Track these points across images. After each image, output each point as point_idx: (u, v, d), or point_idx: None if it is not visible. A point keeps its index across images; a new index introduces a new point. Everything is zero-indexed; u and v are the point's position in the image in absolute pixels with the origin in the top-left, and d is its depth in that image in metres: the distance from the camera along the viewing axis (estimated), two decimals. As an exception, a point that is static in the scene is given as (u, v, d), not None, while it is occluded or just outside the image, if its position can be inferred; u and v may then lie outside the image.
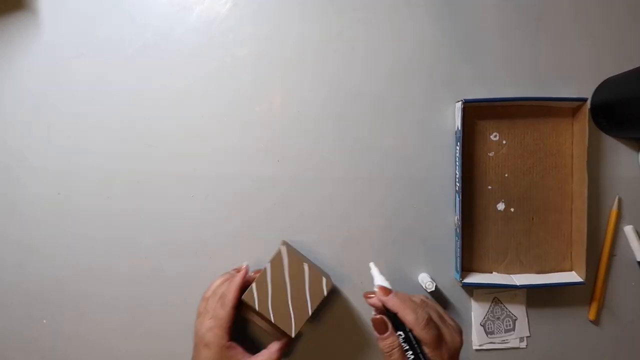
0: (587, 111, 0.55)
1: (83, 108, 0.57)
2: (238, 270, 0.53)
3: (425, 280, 0.56)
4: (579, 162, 0.56)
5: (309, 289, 0.50)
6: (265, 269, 0.50)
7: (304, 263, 0.51)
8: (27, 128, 0.57)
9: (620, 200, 0.58)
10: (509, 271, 0.58)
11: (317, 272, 0.51)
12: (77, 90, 0.57)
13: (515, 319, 0.58)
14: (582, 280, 0.55)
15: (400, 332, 0.45)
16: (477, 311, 0.58)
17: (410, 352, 0.44)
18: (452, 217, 0.58)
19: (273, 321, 0.50)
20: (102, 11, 0.57)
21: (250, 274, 0.54)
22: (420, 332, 0.44)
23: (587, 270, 0.55)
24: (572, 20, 0.58)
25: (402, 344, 0.44)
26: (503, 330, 0.58)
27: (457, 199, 0.55)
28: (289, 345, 0.56)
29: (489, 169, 0.57)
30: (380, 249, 0.58)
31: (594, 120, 0.58)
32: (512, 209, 0.57)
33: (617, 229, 0.58)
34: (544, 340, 0.58)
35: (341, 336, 0.58)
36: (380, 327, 0.45)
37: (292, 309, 0.50)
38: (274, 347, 0.52)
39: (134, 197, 0.58)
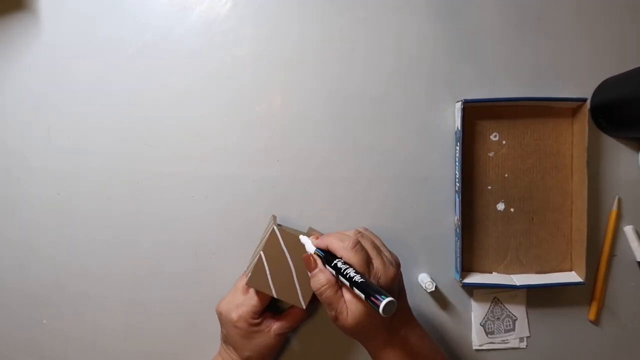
0: (587, 111, 0.55)
1: (83, 108, 0.57)
2: None
3: (425, 281, 0.56)
4: (579, 162, 0.56)
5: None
6: (260, 256, 0.50)
7: (300, 236, 0.50)
8: (27, 128, 0.57)
9: (620, 201, 0.58)
10: (509, 271, 0.58)
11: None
12: (77, 90, 0.57)
13: (515, 319, 0.58)
14: (582, 280, 0.55)
15: (335, 263, 0.44)
16: (477, 311, 0.58)
17: (345, 277, 0.42)
18: (452, 217, 0.58)
19: (277, 297, 0.51)
20: (102, 11, 0.57)
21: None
22: (347, 254, 0.43)
23: (587, 270, 0.55)
24: (572, 20, 0.58)
25: (335, 271, 0.43)
26: (503, 331, 0.58)
27: (457, 199, 0.55)
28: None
29: (489, 169, 0.57)
30: (380, 249, 0.58)
31: (593, 120, 0.58)
32: (512, 209, 0.57)
33: (617, 229, 0.58)
34: (544, 340, 0.58)
35: (336, 335, 0.58)
36: (309, 264, 0.46)
37: (298, 283, 0.51)
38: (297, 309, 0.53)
39: (134, 198, 0.58)
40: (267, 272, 0.50)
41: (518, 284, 0.55)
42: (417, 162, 0.58)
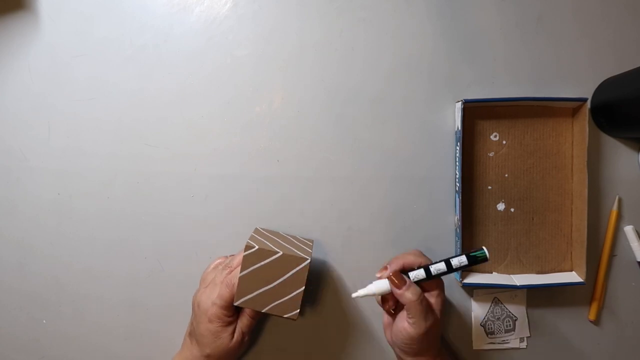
0: (587, 111, 0.55)
1: (83, 108, 0.57)
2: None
3: None
4: (579, 162, 0.56)
5: (291, 272, 0.49)
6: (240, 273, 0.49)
7: (277, 253, 0.49)
8: (27, 128, 0.57)
9: (620, 200, 0.58)
10: (509, 271, 0.58)
11: (292, 254, 0.50)
12: (77, 90, 0.57)
13: (516, 319, 0.58)
14: (582, 280, 0.55)
15: (420, 271, 0.48)
16: (477, 311, 0.58)
17: (446, 263, 0.48)
18: (452, 217, 0.58)
19: (268, 312, 0.50)
20: (102, 11, 0.57)
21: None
22: (423, 259, 0.50)
23: (587, 270, 0.55)
24: (572, 20, 0.58)
25: (425, 271, 0.48)
26: (503, 331, 0.58)
27: (457, 199, 0.55)
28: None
29: (489, 169, 0.57)
30: (380, 249, 0.58)
31: (594, 120, 0.58)
32: (512, 209, 0.57)
33: (617, 229, 0.58)
34: (544, 340, 0.58)
35: (336, 335, 0.58)
36: (399, 280, 0.48)
37: (284, 295, 0.50)
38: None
39: (134, 198, 0.58)
40: (255, 287, 0.49)
41: (518, 284, 0.55)
42: (417, 162, 0.58)
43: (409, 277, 0.48)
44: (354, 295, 0.49)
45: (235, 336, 0.51)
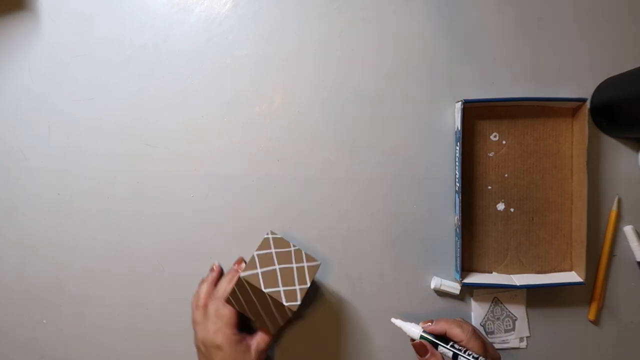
0: (587, 111, 0.55)
1: (83, 108, 0.57)
2: (212, 271, 0.56)
3: (445, 284, 0.56)
4: (578, 162, 0.56)
5: (300, 265, 0.51)
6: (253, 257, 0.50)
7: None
8: (27, 128, 0.57)
9: (620, 200, 0.58)
10: (509, 271, 0.58)
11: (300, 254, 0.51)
12: (77, 90, 0.57)
13: (515, 319, 0.58)
14: (582, 280, 0.55)
15: (446, 345, 0.48)
16: (477, 311, 0.58)
17: (470, 356, 0.47)
18: (452, 217, 0.58)
19: (269, 295, 0.49)
20: (102, 11, 0.57)
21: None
22: (468, 342, 0.48)
23: (587, 270, 0.55)
24: (572, 20, 0.58)
25: (454, 351, 0.48)
26: (503, 331, 0.58)
27: (457, 199, 0.55)
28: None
29: (488, 169, 0.57)
30: (380, 249, 0.58)
31: (593, 120, 0.58)
32: (512, 209, 0.57)
33: (617, 229, 0.58)
34: (544, 340, 0.59)
35: (336, 335, 0.58)
36: (421, 350, 0.49)
37: (288, 285, 0.50)
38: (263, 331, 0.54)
39: (134, 198, 0.58)
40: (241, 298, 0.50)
41: (518, 284, 0.55)
42: (417, 162, 0.58)
43: (437, 346, 0.49)
44: (393, 319, 0.51)
45: (255, 353, 0.52)
